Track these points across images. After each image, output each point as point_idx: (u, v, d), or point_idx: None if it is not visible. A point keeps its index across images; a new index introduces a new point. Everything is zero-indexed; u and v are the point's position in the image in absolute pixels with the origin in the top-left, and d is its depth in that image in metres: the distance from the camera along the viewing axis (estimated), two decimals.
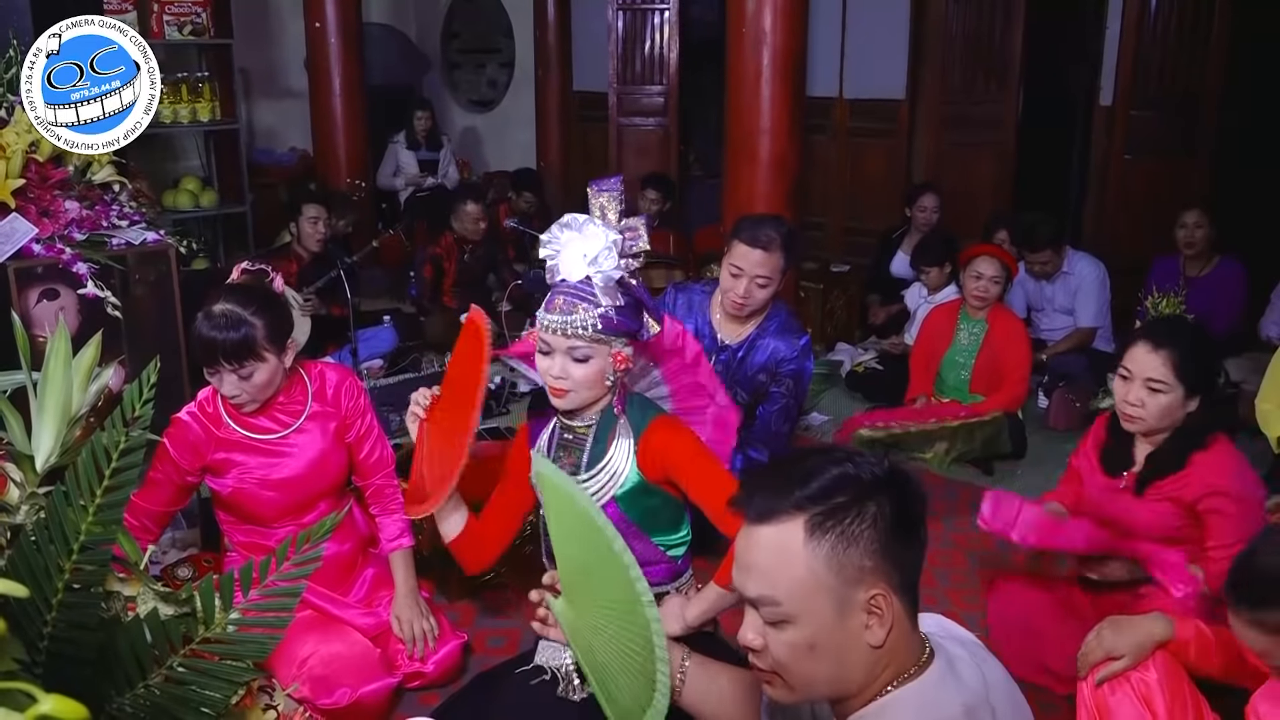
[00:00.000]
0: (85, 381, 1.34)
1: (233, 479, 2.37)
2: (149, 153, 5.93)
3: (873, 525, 1.14)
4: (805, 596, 1.14)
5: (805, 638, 1.15)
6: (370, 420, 2.54)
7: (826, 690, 1.21)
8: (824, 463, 1.18)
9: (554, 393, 2.01)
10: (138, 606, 1.13)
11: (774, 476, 1.21)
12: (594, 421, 2.07)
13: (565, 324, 1.92)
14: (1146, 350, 2.30)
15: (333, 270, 4.64)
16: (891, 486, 1.17)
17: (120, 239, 2.99)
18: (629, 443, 2.05)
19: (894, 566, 1.15)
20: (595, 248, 1.90)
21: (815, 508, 1.14)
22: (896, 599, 1.16)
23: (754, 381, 3.09)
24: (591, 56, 7.77)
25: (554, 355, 1.97)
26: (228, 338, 2.22)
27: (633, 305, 1.97)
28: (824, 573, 1.13)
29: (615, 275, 1.92)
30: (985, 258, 4.02)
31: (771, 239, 2.92)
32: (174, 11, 5.61)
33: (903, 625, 1.18)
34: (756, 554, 1.17)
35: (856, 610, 1.14)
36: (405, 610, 2.51)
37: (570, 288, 1.94)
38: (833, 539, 1.13)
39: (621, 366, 1.98)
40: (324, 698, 2.25)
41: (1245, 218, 5.22)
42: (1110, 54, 5.80)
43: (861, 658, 1.17)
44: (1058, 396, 4.38)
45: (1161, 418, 2.31)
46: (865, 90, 6.74)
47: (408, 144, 7.20)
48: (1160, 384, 2.28)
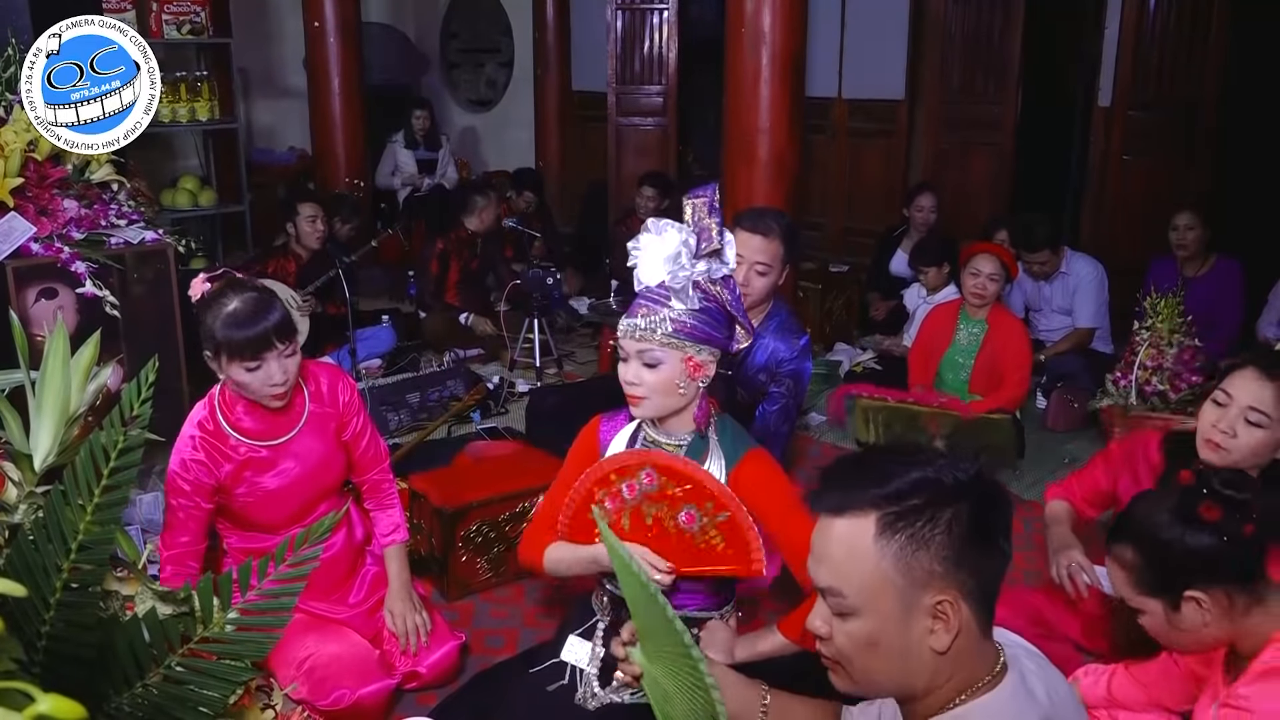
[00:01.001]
0: (83, 380, 1.34)
1: (243, 492, 2.33)
2: (148, 152, 5.93)
3: (946, 531, 1.13)
4: (871, 593, 1.14)
5: (867, 632, 1.16)
6: (364, 416, 2.53)
7: (888, 687, 1.21)
8: (906, 463, 1.17)
9: (630, 400, 1.96)
10: (136, 606, 1.13)
11: (853, 471, 1.21)
12: (685, 443, 2.00)
13: (635, 328, 1.89)
14: (1255, 377, 2.08)
15: (331, 270, 4.64)
16: (975, 493, 1.15)
17: (119, 238, 2.99)
18: (720, 466, 1.98)
19: (967, 574, 1.14)
20: (670, 250, 1.87)
21: (889, 507, 1.14)
22: (966, 606, 1.14)
23: (753, 381, 3.08)
24: (591, 56, 7.77)
25: (629, 361, 1.93)
26: (273, 318, 2.17)
27: (714, 311, 1.92)
28: (891, 572, 1.13)
29: (691, 278, 1.87)
30: (984, 255, 4.02)
31: (771, 227, 2.92)
32: (173, 11, 5.61)
33: (972, 634, 1.16)
34: (829, 545, 1.18)
35: (921, 613, 1.14)
36: (398, 604, 2.50)
37: (647, 292, 1.91)
38: (903, 540, 1.13)
39: (696, 374, 1.92)
40: (322, 698, 2.25)
41: (1245, 218, 5.23)
42: (1109, 55, 5.80)
43: (924, 661, 1.16)
44: (1056, 397, 4.38)
45: (1251, 455, 2.08)
46: (864, 90, 6.74)
47: (406, 143, 7.20)
48: (1264, 417, 2.06)
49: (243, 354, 2.16)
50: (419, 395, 4.28)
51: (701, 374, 1.92)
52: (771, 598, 2.78)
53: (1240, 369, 2.13)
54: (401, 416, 4.18)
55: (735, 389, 3.10)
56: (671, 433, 2.00)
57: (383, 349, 5.01)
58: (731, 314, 1.94)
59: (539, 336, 4.88)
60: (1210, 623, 1.64)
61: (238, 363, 2.17)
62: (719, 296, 1.93)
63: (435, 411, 4.27)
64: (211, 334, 2.18)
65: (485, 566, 2.98)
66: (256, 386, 2.22)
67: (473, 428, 4.17)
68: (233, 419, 2.31)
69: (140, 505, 3.05)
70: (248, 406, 2.31)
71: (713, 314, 1.91)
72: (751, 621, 2.41)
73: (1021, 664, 1.23)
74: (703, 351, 1.91)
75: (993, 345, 4.01)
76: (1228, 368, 2.18)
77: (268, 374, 2.20)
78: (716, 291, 1.93)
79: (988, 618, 1.18)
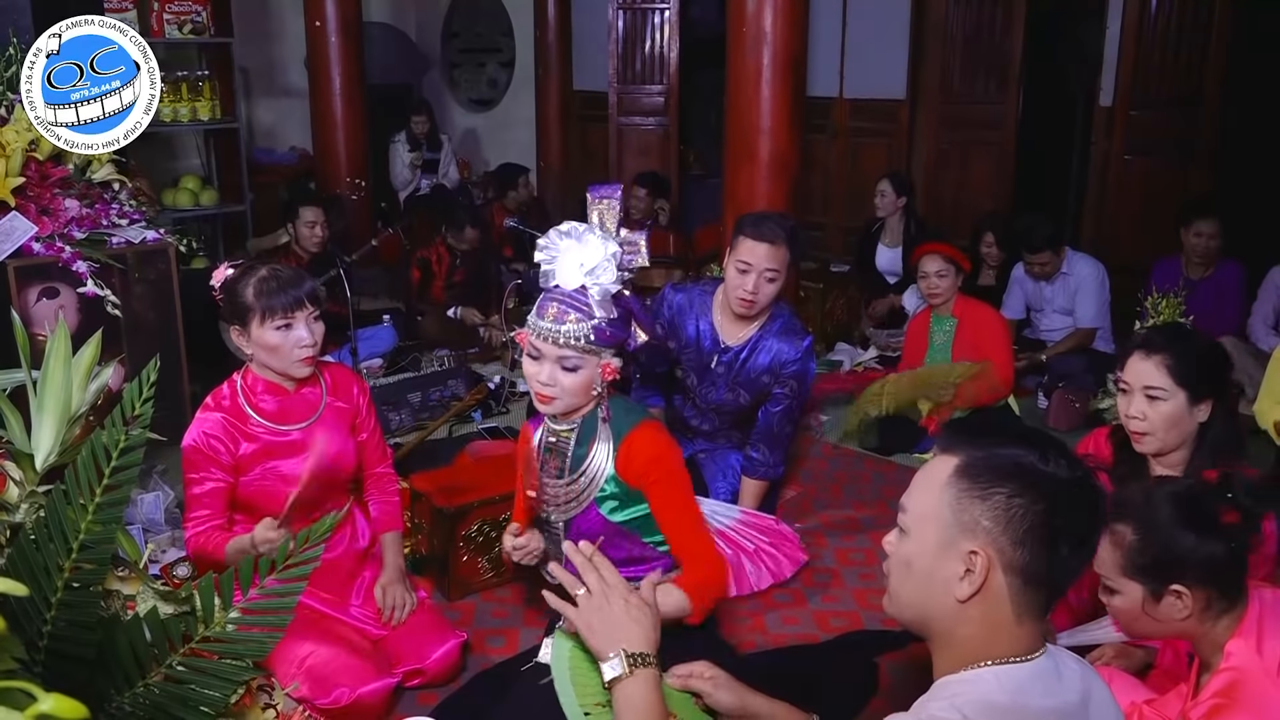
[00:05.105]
0: (85, 380, 1.34)
1: (257, 474, 2.38)
2: (149, 151, 5.93)
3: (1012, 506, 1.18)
4: (922, 519, 1.24)
5: (907, 553, 1.26)
6: (374, 413, 2.63)
7: (909, 613, 1.28)
8: (1017, 438, 1.23)
9: (539, 398, 2.03)
10: (137, 605, 1.13)
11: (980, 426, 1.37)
12: (576, 425, 2.09)
13: (557, 333, 1.93)
14: (1139, 358, 2.20)
15: (332, 269, 4.64)
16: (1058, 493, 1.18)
17: (120, 237, 2.99)
18: (609, 447, 2.07)
19: (1014, 547, 1.18)
20: (594, 259, 1.91)
21: (975, 454, 1.22)
22: (1002, 576, 1.19)
23: (757, 383, 3.08)
24: (592, 56, 7.78)
25: (543, 362, 1.98)
26: (304, 283, 2.32)
27: (624, 317, 2.00)
28: (944, 508, 1.22)
29: (612, 289, 1.94)
30: (927, 256, 4.16)
31: (777, 233, 2.92)
32: (174, 10, 5.62)
33: (1004, 607, 1.20)
34: (922, 472, 1.29)
35: (954, 556, 1.21)
36: (390, 584, 2.55)
37: (564, 295, 1.95)
38: (968, 485, 1.21)
39: (609, 377, 2.01)
40: (323, 697, 2.25)
41: (1244, 218, 5.22)
42: (1110, 54, 5.80)
43: (943, 602, 1.22)
44: (1058, 397, 4.39)
45: (1168, 429, 2.16)
46: (865, 90, 6.74)
47: (408, 144, 7.21)
48: (1159, 390, 2.15)
49: (275, 313, 2.28)
50: (420, 395, 4.29)
51: (612, 374, 2.01)
52: None
53: (1128, 355, 2.24)
54: (403, 416, 4.18)
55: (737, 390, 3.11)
56: (569, 420, 2.10)
57: (383, 348, 5.02)
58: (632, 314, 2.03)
59: None
60: (1184, 619, 1.66)
61: (270, 324, 2.29)
62: (626, 302, 2.01)
63: (436, 411, 4.27)
64: (243, 302, 2.29)
65: (486, 566, 2.98)
66: (287, 349, 2.31)
67: (474, 427, 4.17)
68: (254, 401, 2.38)
69: (141, 505, 3.05)
70: (269, 388, 2.40)
71: (624, 319, 2.00)
72: None
73: (1063, 658, 1.26)
74: (614, 354, 2.00)
75: (966, 335, 4.13)
76: (1120, 357, 2.30)
77: (298, 335, 2.30)
78: (625, 298, 2.01)
79: (1031, 604, 1.21)
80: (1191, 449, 2.20)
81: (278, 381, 2.40)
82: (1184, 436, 2.18)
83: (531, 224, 6.08)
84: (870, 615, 2.86)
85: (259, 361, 2.37)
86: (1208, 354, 2.23)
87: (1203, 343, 2.28)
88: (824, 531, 3.37)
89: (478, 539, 2.94)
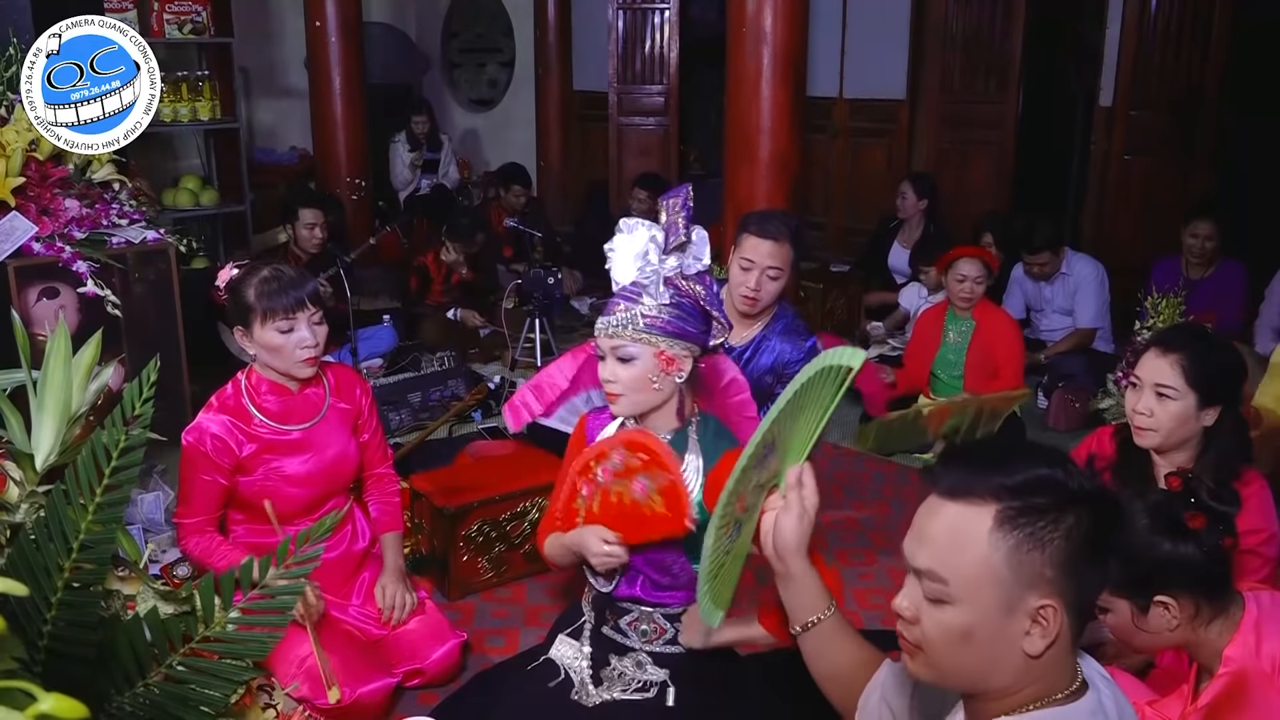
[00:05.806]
0: (85, 380, 1.34)
1: (260, 475, 2.38)
2: (149, 151, 5.93)
3: (1065, 537, 1.09)
4: (975, 584, 1.11)
5: (962, 624, 1.12)
6: (376, 414, 2.63)
7: (965, 683, 1.17)
8: (1033, 459, 1.13)
9: (608, 397, 1.98)
10: (137, 605, 1.13)
11: (976, 456, 1.17)
12: (666, 440, 1.96)
13: (609, 324, 1.92)
14: (1155, 355, 2.18)
15: (331, 269, 4.64)
16: (1095, 504, 1.12)
17: (120, 237, 2.99)
18: (699, 462, 1.97)
19: (1073, 583, 1.11)
20: (639, 246, 1.90)
21: (1011, 500, 1.10)
22: (1066, 617, 1.11)
23: (760, 384, 3.08)
24: (592, 56, 7.78)
25: (606, 359, 1.95)
26: (306, 284, 2.33)
27: (688, 306, 1.92)
28: (1001, 567, 1.10)
29: (660, 272, 1.90)
30: (967, 259, 4.08)
31: (781, 231, 2.92)
32: (174, 10, 5.61)
33: (1064, 645, 1.13)
34: (936, 528, 1.14)
35: (1022, 614, 1.11)
36: (390, 583, 2.55)
37: (621, 290, 1.94)
38: (1020, 537, 1.09)
39: (670, 369, 1.91)
40: (323, 697, 2.25)
41: (1244, 218, 5.22)
42: (1110, 54, 5.80)
43: (1013, 663, 1.13)
44: (1057, 397, 4.39)
45: (1174, 429, 2.15)
46: (865, 90, 6.74)
47: (408, 144, 7.21)
48: (1170, 389, 2.14)
49: (276, 314, 2.28)
50: (420, 395, 4.29)
51: (675, 368, 1.92)
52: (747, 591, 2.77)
53: (1143, 352, 2.23)
54: (403, 416, 4.18)
55: None
56: (655, 429, 2.00)
57: (384, 348, 5.01)
58: (706, 309, 1.95)
59: (540, 336, 4.88)
60: (1175, 628, 1.66)
61: (272, 324, 2.29)
62: (693, 291, 1.94)
63: (436, 411, 4.27)
64: (246, 302, 2.30)
65: (486, 566, 2.98)
66: (289, 350, 2.32)
67: (474, 427, 4.17)
68: (258, 400, 2.39)
69: (141, 505, 3.05)
70: (273, 388, 2.40)
71: (686, 309, 1.92)
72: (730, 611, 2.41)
73: (1099, 687, 1.20)
74: (675, 346, 1.91)
75: (982, 340, 4.07)
76: (1135, 353, 2.29)
77: (299, 336, 2.31)
78: (690, 287, 1.94)
79: (1080, 631, 1.16)
80: (1195, 452, 2.19)
81: (281, 382, 2.41)
82: (1187, 437, 2.18)
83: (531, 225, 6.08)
84: (870, 615, 2.86)
85: (262, 362, 2.38)
86: (1227, 362, 2.20)
87: (1224, 350, 2.24)
88: (824, 531, 3.37)
89: (478, 539, 2.94)
